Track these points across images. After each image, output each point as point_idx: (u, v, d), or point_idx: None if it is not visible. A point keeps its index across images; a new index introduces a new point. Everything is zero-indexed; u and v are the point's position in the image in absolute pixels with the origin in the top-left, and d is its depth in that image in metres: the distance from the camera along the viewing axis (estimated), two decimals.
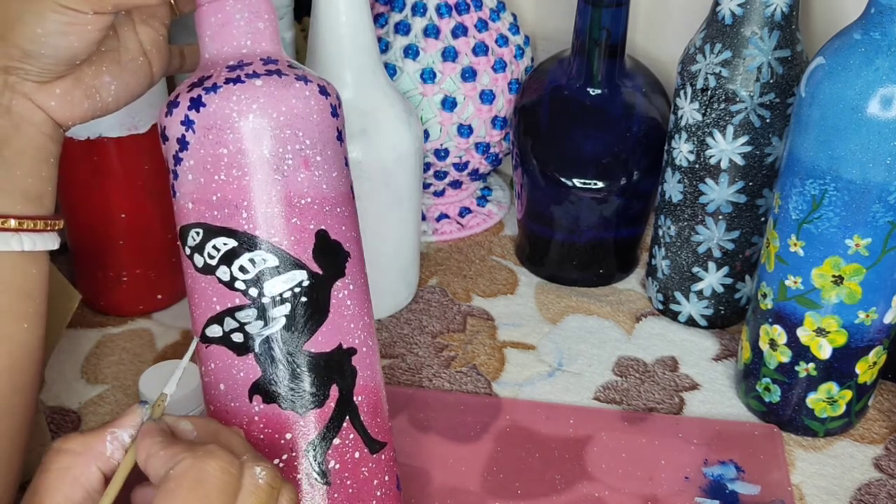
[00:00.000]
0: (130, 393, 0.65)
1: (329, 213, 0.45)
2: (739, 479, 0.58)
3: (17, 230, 0.44)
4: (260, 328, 0.44)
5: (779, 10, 0.60)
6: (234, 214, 0.44)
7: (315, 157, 0.45)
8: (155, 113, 0.66)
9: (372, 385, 0.48)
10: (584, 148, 0.72)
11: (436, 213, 0.83)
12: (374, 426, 0.47)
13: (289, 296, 0.44)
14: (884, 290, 0.56)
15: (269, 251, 0.44)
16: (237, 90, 0.43)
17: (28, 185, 0.45)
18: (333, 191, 0.46)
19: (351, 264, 0.47)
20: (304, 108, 0.44)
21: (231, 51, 0.45)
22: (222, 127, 0.43)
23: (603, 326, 0.72)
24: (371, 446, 0.47)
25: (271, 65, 0.45)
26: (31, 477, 0.57)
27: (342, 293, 0.46)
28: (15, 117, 0.44)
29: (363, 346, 0.47)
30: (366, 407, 0.47)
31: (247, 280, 0.44)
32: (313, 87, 0.45)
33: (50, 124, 0.46)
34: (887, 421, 0.64)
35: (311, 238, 0.45)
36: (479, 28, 0.75)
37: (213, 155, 0.44)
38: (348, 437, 0.46)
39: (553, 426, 0.62)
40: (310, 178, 0.45)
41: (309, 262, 0.45)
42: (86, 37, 0.44)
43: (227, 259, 0.44)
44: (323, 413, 0.45)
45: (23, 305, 0.45)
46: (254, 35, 0.45)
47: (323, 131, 0.45)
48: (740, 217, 0.66)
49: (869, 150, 0.52)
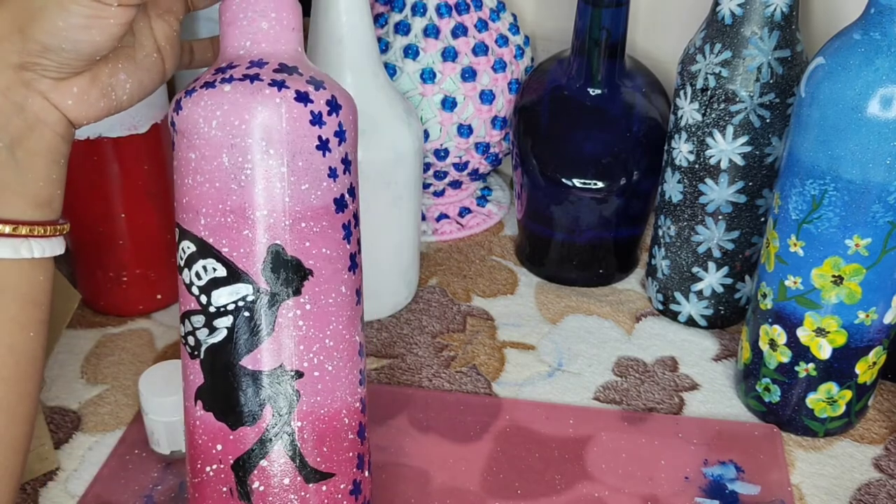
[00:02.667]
0: (130, 393, 0.65)
1: (289, 228, 0.43)
2: (739, 480, 0.58)
3: (28, 237, 0.44)
4: (206, 336, 0.44)
5: (779, 10, 0.60)
6: (195, 220, 0.44)
7: (279, 168, 0.43)
8: (155, 113, 0.66)
9: (322, 412, 0.45)
10: (584, 148, 0.72)
11: (436, 213, 0.83)
12: (316, 455, 0.45)
13: (232, 308, 0.43)
14: (884, 290, 0.56)
15: (218, 261, 0.43)
16: (206, 95, 0.43)
17: (39, 189, 0.44)
18: (299, 204, 0.43)
19: (313, 284, 0.44)
20: (270, 116, 0.42)
21: (232, 51, 0.45)
22: (191, 132, 0.43)
23: (603, 326, 0.72)
24: (306, 475, 0.45)
25: (255, 68, 0.44)
26: (29, 478, 0.57)
27: (293, 313, 0.44)
28: (30, 116, 0.43)
29: (315, 370, 0.45)
30: (307, 434, 0.45)
31: (199, 286, 0.44)
32: (287, 94, 0.43)
33: (64, 123, 0.45)
34: (887, 421, 0.64)
35: (262, 252, 0.43)
36: (479, 28, 0.75)
37: (185, 159, 0.44)
38: (278, 461, 0.44)
39: (553, 426, 0.62)
40: (268, 189, 0.43)
41: (257, 276, 0.43)
42: (108, 31, 0.42)
43: (188, 263, 0.44)
44: (252, 432, 0.44)
45: (29, 313, 0.45)
46: (255, 36, 0.45)
47: (293, 141, 0.43)
48: (740, 217, 0.66)
49: (869, 150, 0.51)
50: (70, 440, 0.61)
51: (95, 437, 0.61)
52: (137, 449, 0.60)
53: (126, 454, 0.59)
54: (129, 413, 0.63)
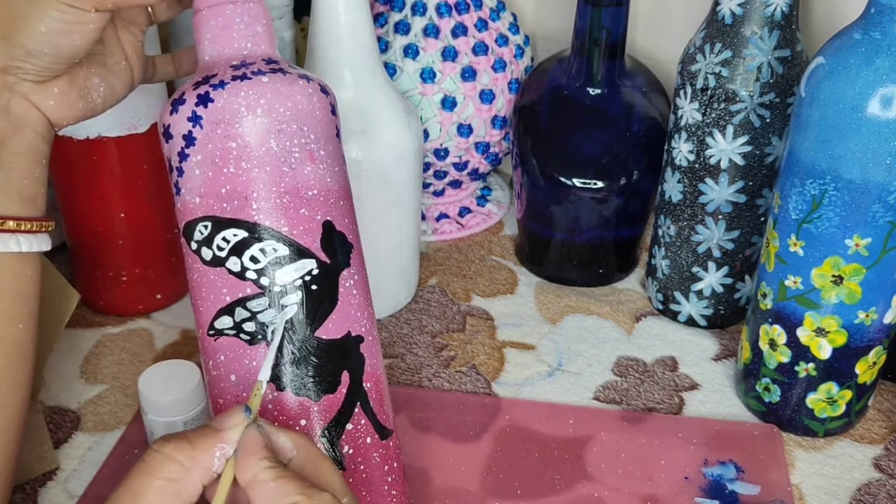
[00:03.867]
0: (129, 393, 0.65)
1: (333, 206, 0.47)
2: (739, 479, 0.58)
3: (15, 231, 0.45)
4: (272, 316, 0.45)
5: (779, 10, 0.60)
6: (243, 206, 0.45)
7: (319, 151, 0.46)
8: (154, 113, 0.66)
9: (378, 373, 0.49)
10: (584, 148, 0.71)
11: (435, 213, 0.83)
12: (381, 413, 0.48)
13: (299, 284, 0.45)
14: (883, 290, 0.56)
15: (279, 241, 0.45)
16: (245, 86, 0.45)
17: (24, 186, 0.46)
18: (336, 184, 0.47)
19: (355, 255, 0.48)
20: (308, 104, 0.46)
21: (232, 52, 0.47)
22: (231, 121, 0.44)
23: (603, 326, 0.72)
24: (381, 432, 0.48)
25: (273, 64, 0.46)
26: (28, 478, 0.57)
27: (349, 282, 0.47)
28: (14, 118, 0.45)
29: (368, 334, 0.48)
30: (374, 394, 0.48)
31: (258, 269, 0.45)
32: (315, 86, 0.47)
33: (45, 125, 0.47)
34: (887, 421, 0.64)
35: (318, 228, 0.46)
36: (478, 28, 0.75)
37: (222, 149, 0.45)
38: (360, 422, 0.47)
39: (553, 426, 0.62)
40: (315, 170, 0.46)
41: (317, 251, 0.46)
42: (87, 35, 0.45)
43: (236, 250, 0.45)
44: (335, 399, 0.46)
45: (18, 306, 0.46)
46: (253, 38, 0.47)
47: (325, 127, 0.47)
48: (740, 217, 0.66)
49: (869, 150, 0.51)
50: (70, 440, 0.61)
51: (95, 436, 0.61)
52: (137, 449, 0.60)
53: (126, 454, 0.59)
54: (129, 413, 0.63)
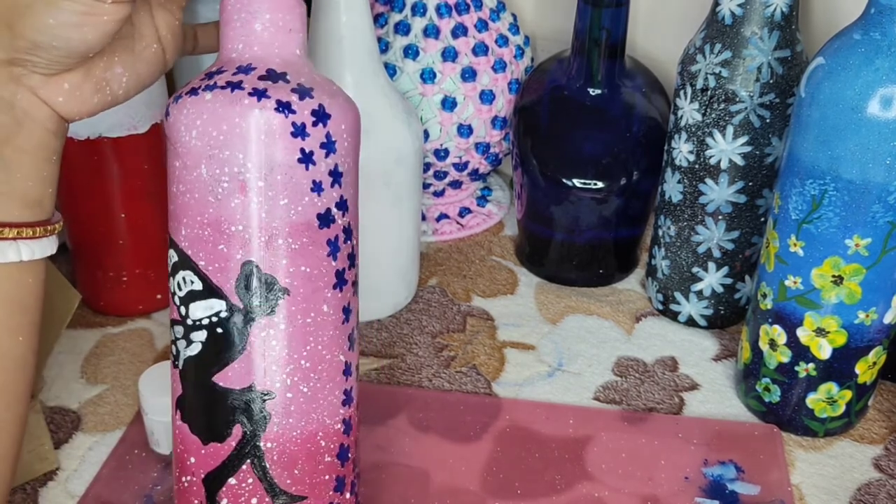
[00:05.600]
0: (130, 393, 0.65)
1: (264, 245, 0.42)
2: (739, 480, 0.58)
3: (15, 239, 0.42)
4: (184, 347, 0.44)
5: (779, 10, 0.60)
6: (178, 229, 0.43)
7: (255, 181, 0.41)
8: (154, 113, 0.66)
9: (295, 435, 0.44)
10: (584, 148, 0.71)
11: (436, 213, 0.83)
12: (286, 477, 0.44)
13: (206, 323, 0.43)
14: (884, 290, 0.56)
15: (195, 274, 0.43)
16: (189, 103, 0.42)
17: (28, 188, 0.43)
18: (276, 220, 0.42)
19: (289, 303, 0.43)
20: (247, 127, 0.41)
21: (225, 54, 0.44)
22: (175, 140, 0.42)
23: (603, 326, 0.72)
24: (274, 496, 0.44)
25: (240, 75, 0.42)
26: (29, 478, 0.57)
27: (266, 332, 0.43)
28: (18, 113, 0.42)
29: (288, 391, 0.43)
30: (277, 456, 0.44)
31: (180, 297, 0.44)
32: (267, 104, 0.41)
33: (55, 119, 0.43)
34: (887, 421, 0.64)
35: (235, 269, 0.42)
36: (479, 28, 0.75)
37: (171, 166, 0.43)
38: (246, 480, 0.44)
39: (553, 426, 0.62)
40: (244, 204, 0.41)
41: (230, 293, 0.42)
42: (101, 28, 0.40)
43: (173, 271, 0.44)
44: (222, 449, 0.44)
45: (18, 318, 0.44)
46: (247, 38, 0.43)
47: (271, 154, 0.41)
48: (740, 217, 0.66)
49: (869, 150, 0.51)
50: (70, 440, 0.61)
51: (95, 437, 0.61)
52: (137, 449, 0.60)
53: (126, 454, 0.59)
54: (129, 413, 0.63)
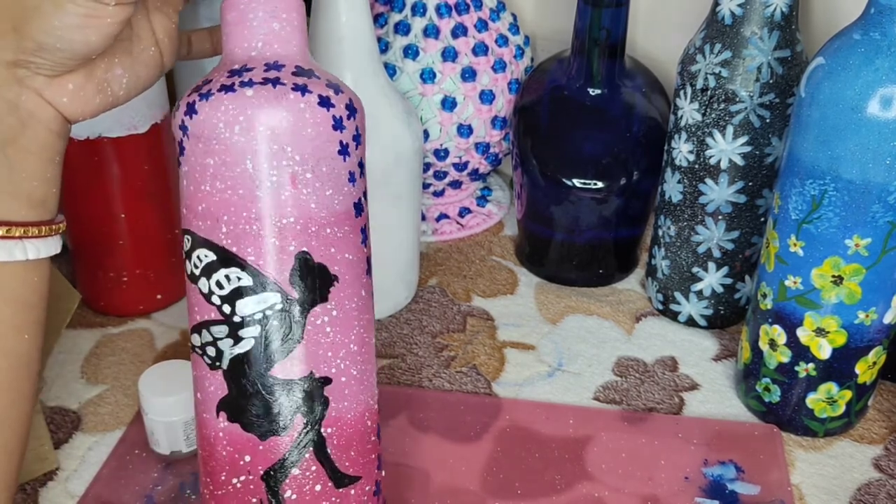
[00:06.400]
0: (130, 393, 0.65)
1: (315, 235, 0.43)
2: (739, 480, 0.58)
3: (22, 238, 0.43)
4: (230, 346, 0.43)
5: (778, 10, 0.60)
6: (214, 228, 0.42)
7: (304, 174, 0.42)
8: (154, 113, 0.66)
9: (349, 417, 0.45)
10: (584, 148, 0.71)
11: (436, 213, 0.83)
12: (345, 459, 0.45)
13: (259, 317, 0.43)
14: (883, 290, 0.56)
15: (243, 270, 0.42)
16: (227, 99, 0.42)
17: (32, 188, 0.43)
18: (324, 210, 0.43)
19: (338, 289, 0.44)
20: (295, 121, 0.42)
21: (241, 52, 0.44)
22: (209, 137, 0.42)
23: (603, 326, 0.72)
24: (336, 480, 0.45)
25: (273, 71, 0.43)
26: (29, 478, 0.57)
27: (321, 319, 0.44)
28: (23, 114, 0.42)
29: (342, 375, 0.45)
30: (336, 440, 0.45)
31: (222, 296, 0.43)
32: (311, 99, 0.42)
33: (59, 120, 0.44)
34: (887, 421, 0.64)
35: (289, 260, 0.42)
36: (478, 28, 0.75)
37: (201, 164, 0.42)
38: (310, 468, 0.44)
39: (553, 426, 0.62)
40: (295, 196, 0.42)
41: (285, 284, 0.43)
42: (103, 30, 0.41)
43: (206, 271, 0.43)
44: (284, 441, 0.44)
45: (24, 316, 0.44)
46: (266, 36, 0.44)
47: (318, 147, 0.42)
48: (740, 217, 0.66)
49: (869, 150, 0.51)
50: (70, 440, 0.61)
51: (95, 437, 0.61)
52: (137, 449, 0.60)
53: (126, 454, 0.59)
54: (129, 413, 0.63)
